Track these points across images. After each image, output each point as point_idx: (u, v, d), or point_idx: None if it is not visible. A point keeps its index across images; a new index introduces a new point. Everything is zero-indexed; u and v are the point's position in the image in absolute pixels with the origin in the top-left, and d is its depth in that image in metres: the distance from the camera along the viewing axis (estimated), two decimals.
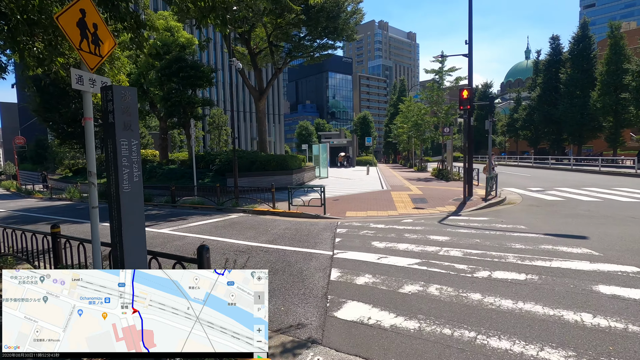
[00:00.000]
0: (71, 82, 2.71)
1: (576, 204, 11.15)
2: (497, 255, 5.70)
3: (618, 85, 34.42)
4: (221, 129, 42.71)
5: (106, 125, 2.41)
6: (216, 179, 18.07)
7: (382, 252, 6.15)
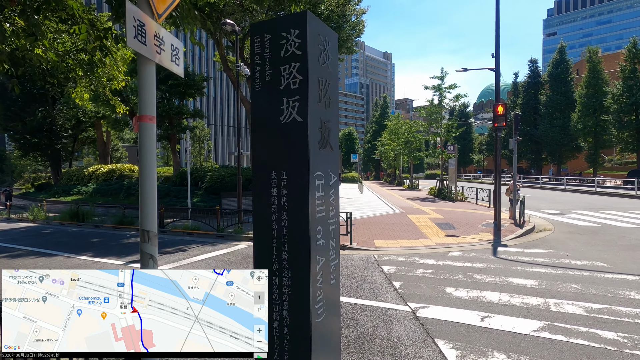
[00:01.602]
0: (126, 38, 1.24)
1: (617, 230, 10.31)
2: (630, 312, 4.44)
3: (597, 107, 35.50)
4: (202, 142, 40.49)
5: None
6: (207, 198, 16.20)
7: (475, 306, 4.75)
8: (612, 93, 33.34)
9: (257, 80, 2.23)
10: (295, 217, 2.12)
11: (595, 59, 36.72)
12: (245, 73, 12.19)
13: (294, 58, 2.08)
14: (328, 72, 2.34)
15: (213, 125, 72.66)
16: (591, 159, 37.43)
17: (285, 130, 2.11)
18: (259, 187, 2.20)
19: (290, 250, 2.04)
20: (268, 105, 2.16)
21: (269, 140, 2.20)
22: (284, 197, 2.15)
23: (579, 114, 36.97)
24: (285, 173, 2.14)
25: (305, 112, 2.06)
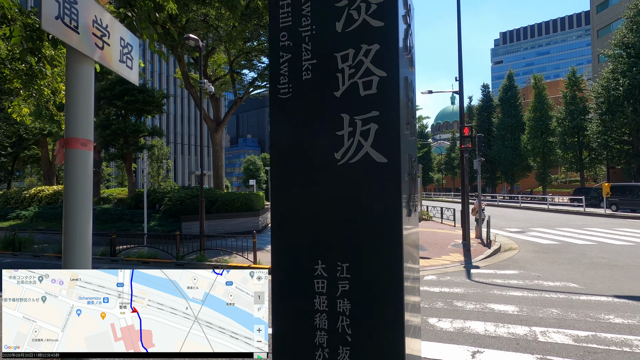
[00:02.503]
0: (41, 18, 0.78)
1: (577, 248, 10.68)
2: (615, 339, 4.33)
3: (544, 130, 38.24)
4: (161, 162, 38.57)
5: None
6: (165, 222, 15.09)
7: (462, 339, 4.45)
8: (556, 117, 36.12)
9: (284, 80, 1.43)
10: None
11: (540, 85, 39.82)
12: (210, 90, 11.63)
13: (367, 35, 1.31)
14: (412, 69, 1.59)
15: (173, 144, 70.07)
16: (540, 178, 39.98)
17: (348, 179, 1.34)
18: (287, 289, 1.39)
19: None
20: (306, 129, 1.39)
21: (308, 199, 1.40)
22: (344, 315, 1.36)
23: (528, 135, 39.61)
24: (347, 267, 1.36)
25: (392, 146, 1.29)
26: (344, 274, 1.37)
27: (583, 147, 33.29)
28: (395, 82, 1.29)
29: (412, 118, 1.59)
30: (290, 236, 1.45)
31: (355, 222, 1.36)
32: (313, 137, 1.39)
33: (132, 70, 1.33)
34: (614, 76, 27.43)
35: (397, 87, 1.30)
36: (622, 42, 27.29)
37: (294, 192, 1.44)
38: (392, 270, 1.33)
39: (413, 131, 1.63)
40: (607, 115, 27.89)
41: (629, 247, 10.57)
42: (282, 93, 1.42)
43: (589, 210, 22.48)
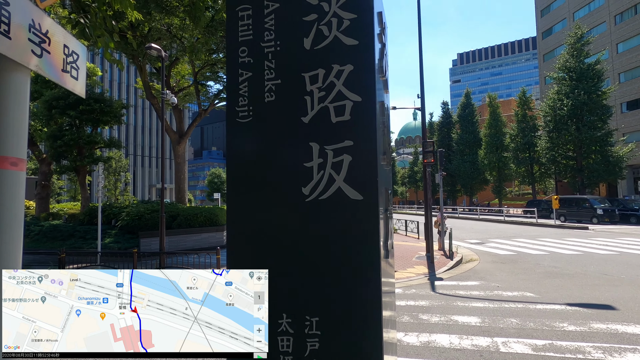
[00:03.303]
0: None
1: (532, 258, 11.26)
2: (570, 347, 4.53)
3: (499, 146, 40.54)
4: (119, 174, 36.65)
5: None
6: (122, 238, 14.26)
7: (428, 354, 4.48)
8: (509, 133, 38.47)
9: (244, 102, 1.24)
10: None
11: (494, 104, 42.38)
12: (172, 101, 11.27)
13: (340, 54, 1.14)
14: (387, 92, 1.41)
15: (132, 156, 67.10)
16: (497, 191, 42.15)
17: (317, 218, 1.16)
18: None
19: None
20: (269, 159, 1.19)
21: (274, 241, 1.21)
22: None
23: (484, 151, 41.82)
24: (316, 322, 1.19)
25: (368, 180, 1.13)
26: (313, 330, 1.21)
27: (534, 162, 35.58)
28: (371, 107, 1.14)
29: (387, 147, 1.51)
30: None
31: (327, 268, 1.19)
32: (277, 169, 1.21)
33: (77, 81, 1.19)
34: (559, 97, 29.75)
35: (374, 113, 1.15)
36: (565, 66, 29.77)
37: (253, 232, 1.25)
38: (369, 328, 1.15)
39: (389, 161, 1.51)
40: (554, 133, 30.07)
41: (577, 256, 11.28)
42: (242, 117, 1.26)
43: (540, 222, 23.90)
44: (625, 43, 34.65)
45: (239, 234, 1.26)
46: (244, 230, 1.25)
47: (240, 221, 1.25)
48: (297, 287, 1.22)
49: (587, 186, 29.45)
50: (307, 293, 1.20)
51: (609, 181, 30.69)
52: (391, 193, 1.53)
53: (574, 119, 28.62)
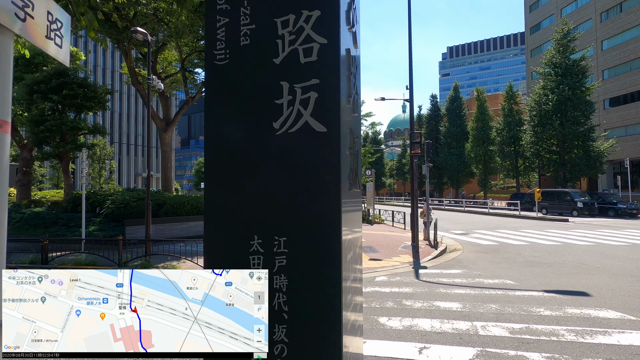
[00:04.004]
0: None
1: (514, 248, 11.57)
2: (545, 330, 4.73)
3: (485, 139, 41.12)
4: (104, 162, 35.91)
5: None
6: (107, 226, 14.07)
7: (410, 336, 4.62)
8: (496, 127, 39.04)
9: (221, 46, 1.37)
10: (309, 338, 1.33)
11: (482, 98, 42.83)
12: (159, 87, 11.08)
13: (308, 0, 1.29)
14: (356, 47, 1.53)
15: (117, 144, 65.76)
16: (482, 184, 42.88)
17: (286, 149, 1.31)
18: (221, 267, 1.36)
19: None
20: (243, 97, 1.34)
21: (246, 171, 1.35)
22: (281, 292, 1.35)
23: (471, 144, 42.38)
24: (284, 242, 1.34)
25: (332, 114, 1.27)
26: (281, 249, 1.35)
27: (518, 155, 36.26)
28: (335, 50, 1.27)
29: (355, 94, 1.61)
30: (225, 211, 1.39)
31: (293, 193, 1.33)
32: (251, 105, 1.35)
33: (61, 48, 1.19)
34: (544, 92, 30.27)
35: (338, 55, 1.28)
36: (551, 61, 30.24)
37: (228, 163, 1.39)
38: (330, 242, 1.30)
39: (356, 108, 1.60)
40: (539, 127, 30.66)
41: (556, 247, 11.65)
42: (219, 59, 1.37)
43: (523, 214, 24.49)
44: (610, 40, 35.32)
45: (218, 147, 1.42)
46: (222, 145, 1.42)
47: (219, 148, 1.42)
48: (266, 211, 1.36)
49: (569, 180, 30.22)
50: (276, 216, 1.35)
51: (590, 175, 31.55)
52: (358, 138, 1.66)
53: (558, 114, 29.19)
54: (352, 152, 1.53)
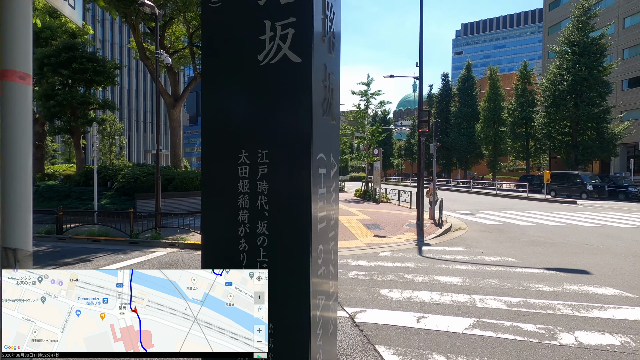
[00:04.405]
0: None
1: (518, 228, 11.61)
2: (542, 304, 4.85)
3: (496, 120, 40.40)
4: (114, 138, 36.28)
5: None
6: (118, 200, 14.42)
7: (409, 307, 4.78)
8: (508, 108, 38.25)
9: None
10: (284, 230, 1.55)
11: (495, 77, 41.79)
12: (167, 62, 11.07)
13: None
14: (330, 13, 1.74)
15: (127, 120, 66.12)
16: (491, 165, 42.44)
17: (268, 77, 1.53)
18: (216, 179, 1.59)
19: (274, 288, 1.47)
20: (235, 35, 1.55)
21: (235, 96, 1.58)
22: (263, 194, 1.57)
23: (482, 125, 41.70)
24: (266, 154, 1.57)
25: (305, 47, 1.48)
26: (263, 160, 1.60)
27: (530, 137, 35.65)
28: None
29: (333, 38, 1.77)
30: (218, 124, 1.64)
31: (272, 114, 1.58)
32: (240, 40, 1.58)
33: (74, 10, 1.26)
34: (560, 72, 29.39)
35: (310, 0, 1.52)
36: (569, 39, 29.20)
37: (221, 91, 1.63)
38: (302, 152, 1.57)
39: (332, 50, 1.79)
40: (552, 108, 29.97)
41: (561, 228, 11.66)
42: (213, 2, 1.60)
43: (531, 196, 24.34)
44: (633, 17, 33.81)
45: (213, 89, 1.70)
46: (217, 87, 1.67)
47: (213, 78, 1.66)
48: (253, 129, 1.62)
49: (581, 162, 29.75)
50: (260, 133, 1.63)
51: (602, 158, 30.99)
52: (333, 74, 1.86)
53: (572, 94, 28.44)
54: (325, 84, 1.75)
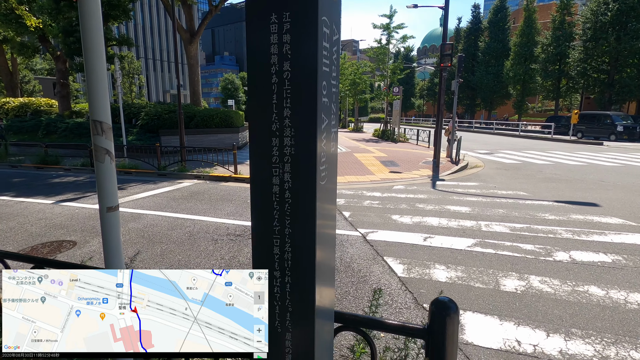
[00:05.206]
0: None
1: (536, 167, 11.59)
2: (545, 229, 5.14)
3: (528, 56, 37.83)
4: (133, 77, 36.34)
5: None
6: (143, 136, 15.02)
7: (418, 229, 5.17)
8: (542, 43, 35.56)
9: None
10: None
11: (531, 8, 38.29)
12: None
13: None
14: None
15: (144, 59, 65.36)
16: (518, 106, 40.66)
17: None
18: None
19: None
20: None
21: None
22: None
23: (512, 62, 39.21)
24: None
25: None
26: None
27: (562, 75, 33.53)
28: None
29: None
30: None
31: None
32: None
33: None
34: (605, 0, 26.64)
35: None
36: None
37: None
38: None
39: None
40: (591, 43, 27.72)
41: (580, 166, 11.57)
42: None
43: (556, 137, 23.63)
44: None
45: None
46: None
47: None
48: None
49: (615, 103, 28.14)
50: None
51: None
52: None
53: (616, 26, 26.02)
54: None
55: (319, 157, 0.86)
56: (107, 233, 1.29)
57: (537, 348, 2.56)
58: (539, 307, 3.08)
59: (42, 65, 39.78)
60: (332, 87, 0.94)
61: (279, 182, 0.90)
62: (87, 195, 7.69)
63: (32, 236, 5.09)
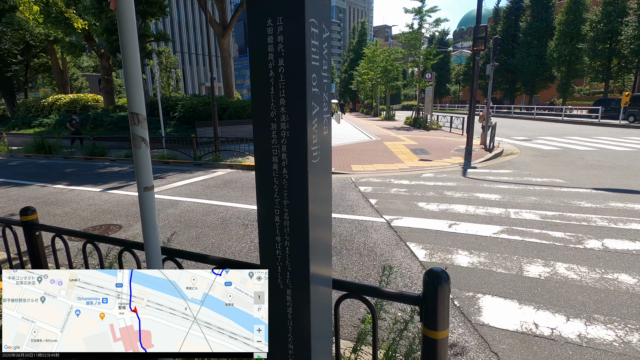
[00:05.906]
0: None
1: (577, 153, 11.01)
2: (578, 217, 4.97)
3: (574, 35, 35.25)
4: (170, 71, 37.83)
5: None
6: (180, 128, 15.75)
7: (443, 216, 5.17)
8: (591, 20, 32.96)
9: None
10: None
11: None
12: None
13: None
14: None
15: (180, 54, 67.64)
16: (562, 89, 38.14)
17: None
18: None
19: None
20: None
21: None
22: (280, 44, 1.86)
23: (556, 42, 36.70)
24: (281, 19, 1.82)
25: None
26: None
27: (613, 54, 31.01)
28: None
29: None
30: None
31: None
32: None
33: None
34: None
35: None
36: None
37: None
38: None
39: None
40: None
41: (627, 152, 10.83)
42: None
43: (603, 121, 22.10)
44: None
45: None
46: None
47: None
48: None
49: None
50: None
51: None
52: None
53: None
54: None
55: (309, 138, 1.01)
56: (144, 209, 1.50)
57: (554, 331, 2.58)
58: (562, 293, 3.07)
59: (88, 63, 42.28)
60: (322, 79, 1.07)
61: (277, 161, 1.06)
62: (130, 184, 8.28)
63: (84, 220, 5.62)
